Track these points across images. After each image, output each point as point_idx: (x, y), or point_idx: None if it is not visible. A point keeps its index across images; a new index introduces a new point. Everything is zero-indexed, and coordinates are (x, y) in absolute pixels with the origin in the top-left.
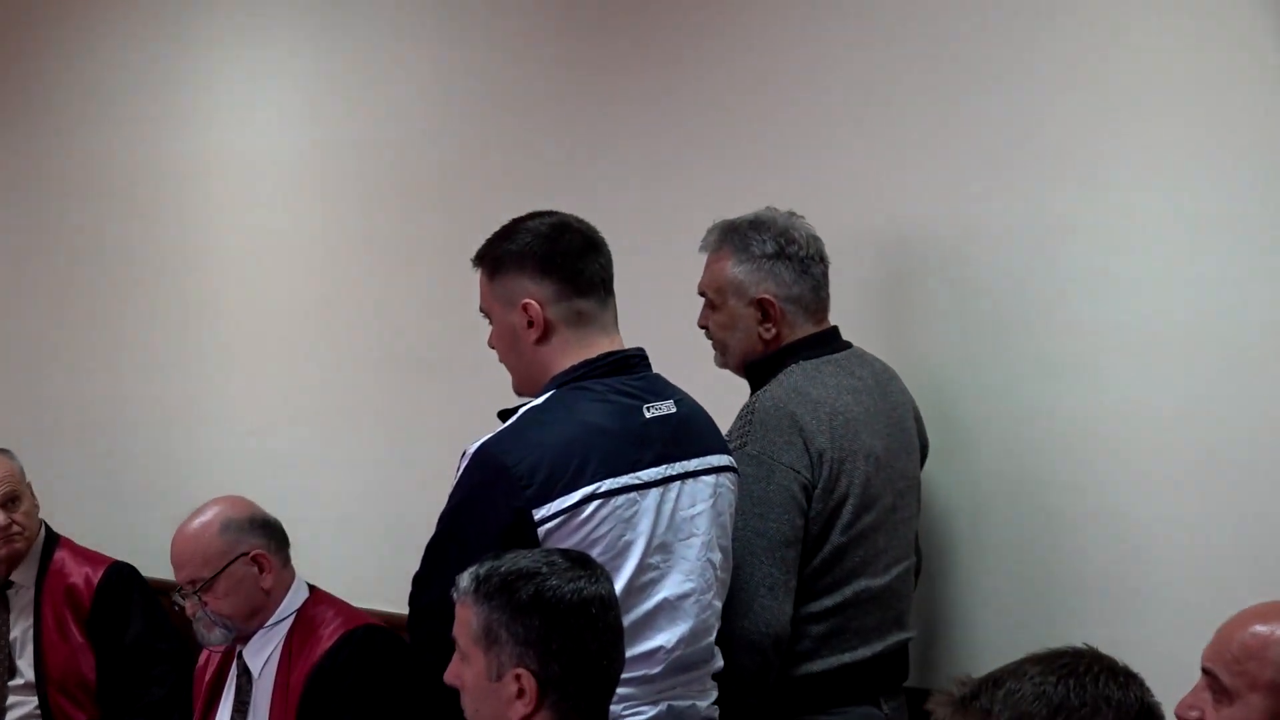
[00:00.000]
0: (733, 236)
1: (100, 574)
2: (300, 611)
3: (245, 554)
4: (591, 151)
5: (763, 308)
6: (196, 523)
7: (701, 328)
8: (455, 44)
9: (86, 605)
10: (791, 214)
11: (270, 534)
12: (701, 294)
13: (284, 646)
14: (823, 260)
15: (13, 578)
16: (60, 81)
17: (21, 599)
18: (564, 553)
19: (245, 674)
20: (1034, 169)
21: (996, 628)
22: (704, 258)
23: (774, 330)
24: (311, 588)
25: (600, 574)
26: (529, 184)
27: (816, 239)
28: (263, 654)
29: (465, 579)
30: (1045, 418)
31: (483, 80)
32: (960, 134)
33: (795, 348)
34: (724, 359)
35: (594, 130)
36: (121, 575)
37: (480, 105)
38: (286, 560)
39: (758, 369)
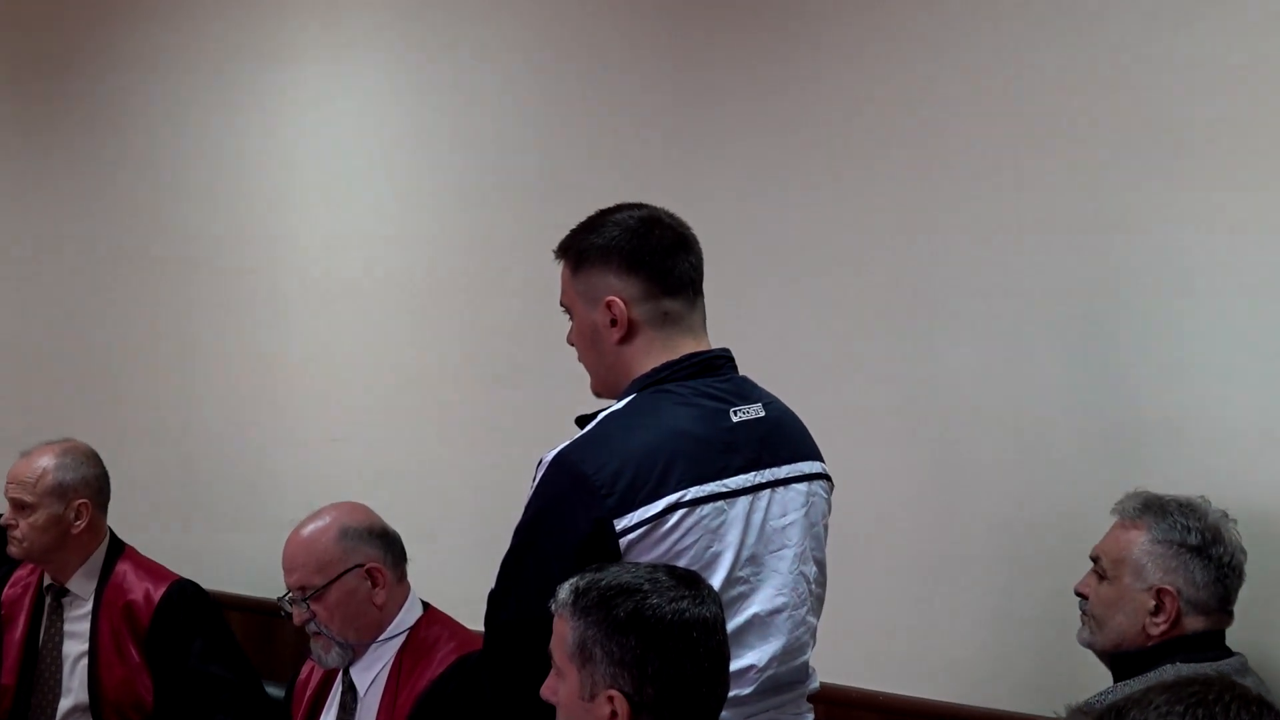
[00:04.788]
0: (1155, 512)
1: (161, 592)
2: (413, 630)
3: (360, 565)
4: (693, 152)
5: (1160, 599)
6: (312, 527)
7: (1078, 595)
8: (552, 35)
9: (145, 624)
10: (1224, 514)
11: (388, 546)
12: (1094, 559)
13: (393, 666)
14: (1241, 576)
15: (69, 586)
16: (135, 75)
17: (78, 610)
18: (670, 569)
19: (350, 691)
20: (1158, 161)
21: None
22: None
23: (1165, 627)
24: (426, 605)
25: (706, 595)
26: (626, 183)
27: (1243, 550)
28: (370, 671)
29: (564, 591)
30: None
31: (579, 78)
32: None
33: (1176, 646)
34: (1092, 637)
35: (697, 131)
36: (184, 594)
37: (574, 102)
38: (402, 575)
39: (1129, 662)
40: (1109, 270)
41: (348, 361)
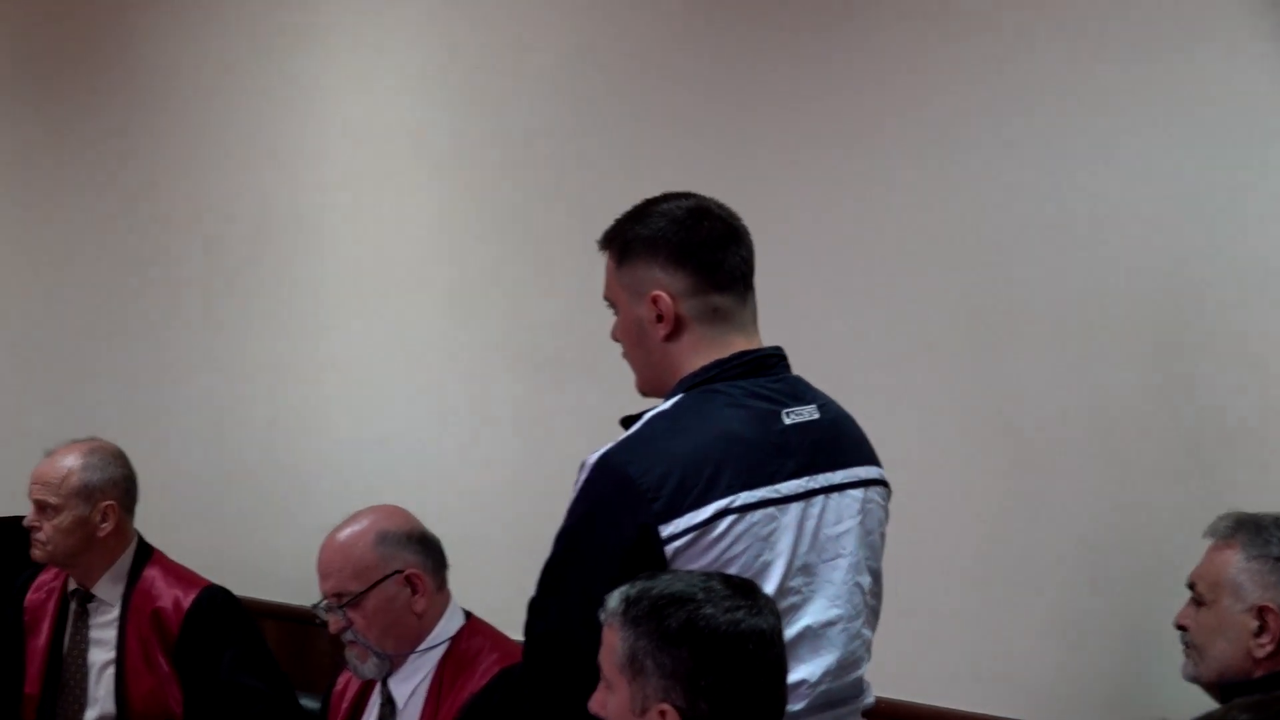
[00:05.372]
0: (1248, 529)
1: (191, 599)
2: (454, 641)
3: (399, 572)
4: (751, 147)
5: (1262, 617)
6: (349, 531)
7: (1178, 628)
8: (598, 21)
9: (175, 633)
10: None
11: (428, 552)
12: (1190, 586)
13: (434, 678)
14: None
15: (95, 592)
16: (165, 67)
17: (104, 617)
18: (725, 578)
19: (389, 703)
20: (1238, 154)
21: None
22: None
23: (1270, 648)
24: (468, 614)
25: (764, 605)
26: (676, 171)
27: None
28: (410, 683)
29: (614, 599)
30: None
31: (630, 57)
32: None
33: None
34: (1196, 669)
35: (756, 127)
36: (215, 602)
37: (627, 84)
38: (443, 583)
39: (1237, 693)
40: (1189, 269)
41: (386, 360)
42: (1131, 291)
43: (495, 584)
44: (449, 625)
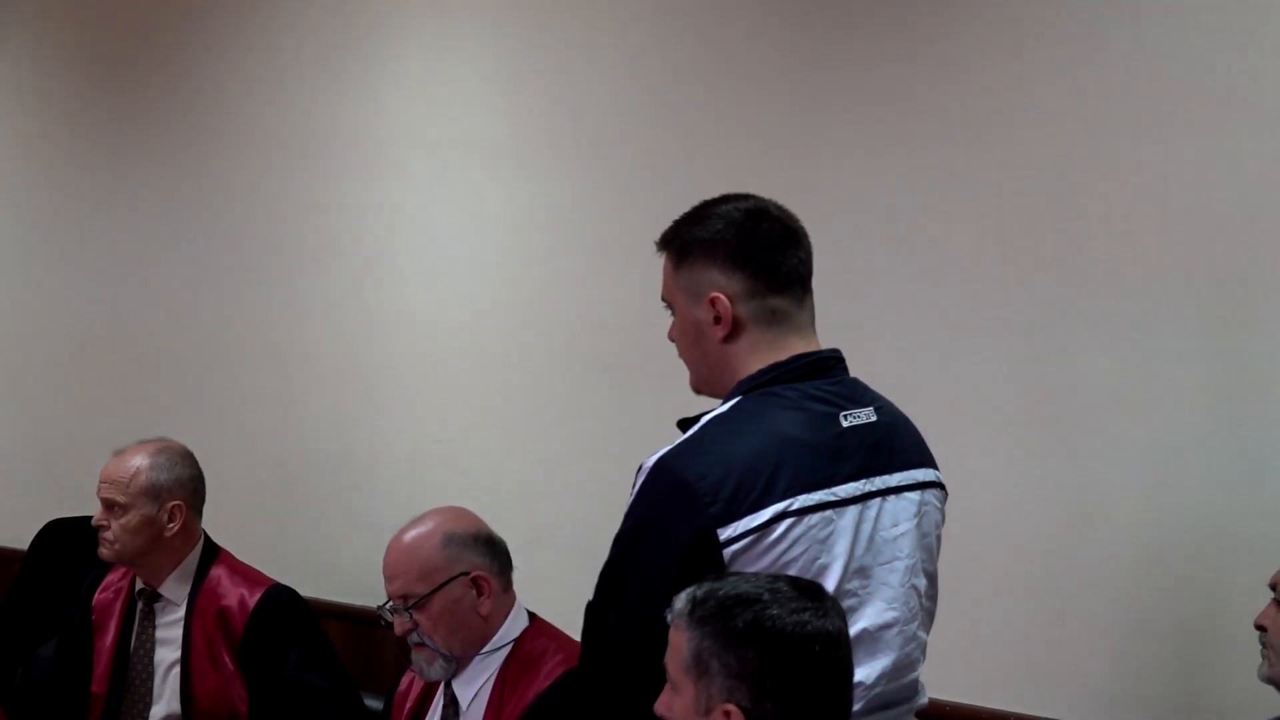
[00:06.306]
0: None
1: (256, 598)
2: (518, 642)
3: (465, 574)
4: (812, 146)
5: None
6: (414, 533)
7: (1258, 628)
8: (671, 14)
9: (240, 631)
10: None
11: (493, 554)
12: (1272, 587)
13: (498, 679)
14: None
15: (162, 591)
16: (236, 66)
17: (170, 616)
18: (792, 580)
19: (452, 704)
20: None
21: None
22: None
23: None
24: (532, 616)
25: (830, 607)
26: (744, 175)
27: None
28: (473, 685)
29: (681, 600)
30: None
31: (699, 60)
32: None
33: None
34: (1271, 670)
35: (817, 125)
36: (280, 601)
37: (694, 88)
38: (508, 584)
39: None
40: (1256, 264)
41: (452, 361)
42: (1193, 290)
43: (562, 587)
44: (513, 627)
